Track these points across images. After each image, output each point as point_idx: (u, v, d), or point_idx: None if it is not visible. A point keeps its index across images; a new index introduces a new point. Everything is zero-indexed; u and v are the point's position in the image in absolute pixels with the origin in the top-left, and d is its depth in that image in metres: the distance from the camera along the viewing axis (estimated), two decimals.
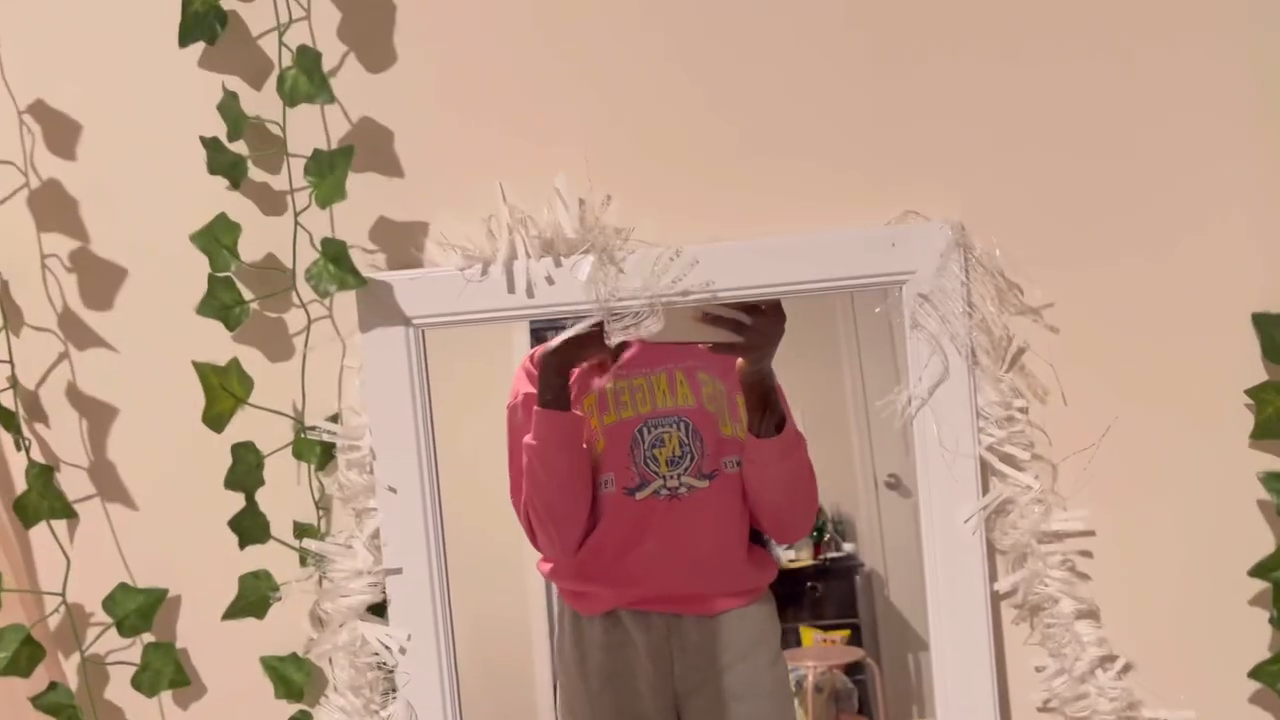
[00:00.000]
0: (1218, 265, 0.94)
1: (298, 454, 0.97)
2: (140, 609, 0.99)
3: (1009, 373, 0.94)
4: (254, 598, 0.96)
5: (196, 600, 1.02)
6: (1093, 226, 0.95)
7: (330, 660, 0.97)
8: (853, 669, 2.34)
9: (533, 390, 1.30)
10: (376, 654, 0.95)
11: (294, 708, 1.00)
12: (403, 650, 0.95)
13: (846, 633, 2.33)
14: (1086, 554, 0.96)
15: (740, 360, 1.15)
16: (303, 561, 0.96)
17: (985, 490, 0.94)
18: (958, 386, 0.93)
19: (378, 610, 0.98)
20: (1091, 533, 0.95)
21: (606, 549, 1.34)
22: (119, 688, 1.02)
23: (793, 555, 2.37)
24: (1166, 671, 0.95)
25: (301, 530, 0.98)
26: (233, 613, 0.97)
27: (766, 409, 1.26)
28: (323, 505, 0.99)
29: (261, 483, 0.96)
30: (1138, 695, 0.94)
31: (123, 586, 0.99)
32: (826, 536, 2.42)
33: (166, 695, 1.03)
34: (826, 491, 2.32)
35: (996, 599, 0.96)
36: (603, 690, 1.37)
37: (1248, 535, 0.94)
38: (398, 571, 0.95)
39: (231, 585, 0.98)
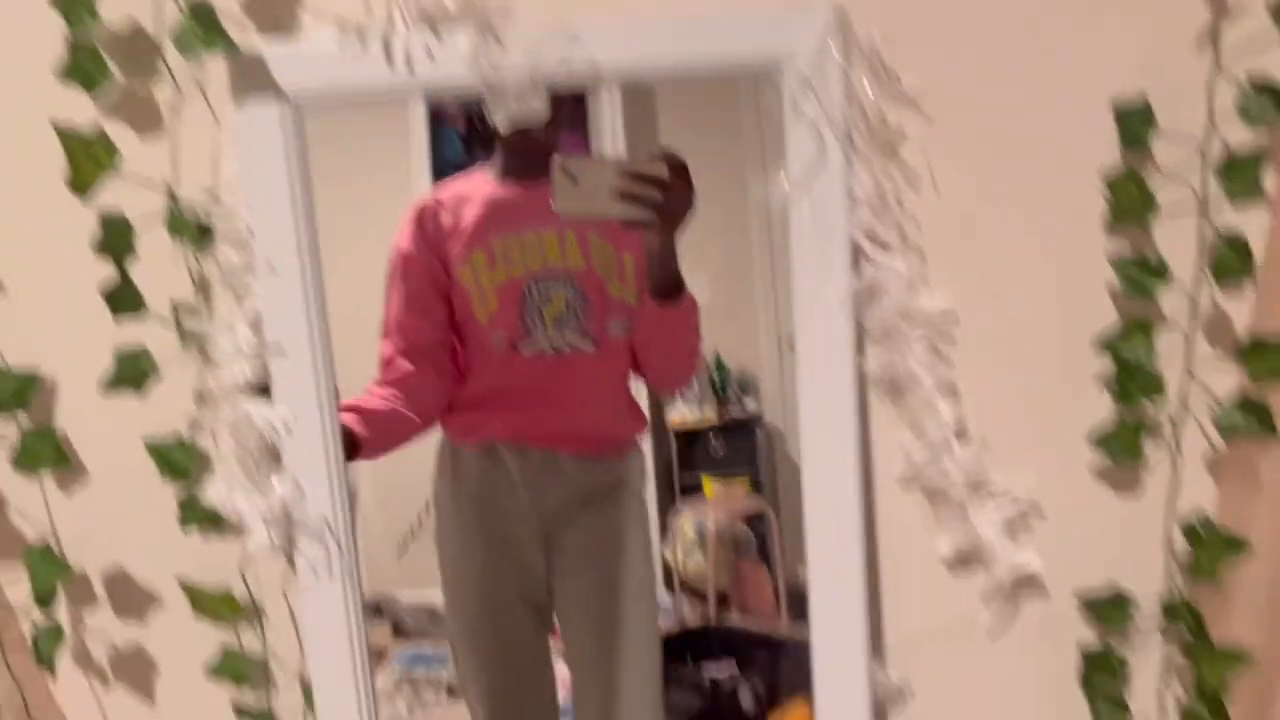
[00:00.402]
0: (1083, 56, 0.97)
1: (173, 229, 0.95)
2: (15, 392, 0.98)
3: (883, 159, 0.96)
4: (132, 372, 0.96)
5: (74, 382, 1.01)
6: (969, 13, 0.96)
7: (214, 438, 0.97)
8: (753, 519, 2.44)
9: (412, 250, 1.30)
10: (262, 433, 0.96)
11: (180, 487, 1.01)
12: (288, 429, 0.96)
13: (747, 484, 2.42)
14: (949, 338, 1.01)
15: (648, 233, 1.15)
16: (182, 339, 0.96)
17: (856, 271, 0.97)
18: (833, 170, 0.95)
19: (263, 391, 0.98)
20: (954, 314, 1.00)
21: (492, 399, 1.36)
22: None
23: (698, 412, 2.43)
24: (1015, 443, 1.01)
25: (180, 309, 0.97)
26: (112, 384, 0.96)
27: (667, 276, 1.28)
28: (202, 285, 0.97)
29: (132, 251, 0.94)
30: (988, 466, 1.01)
31: None
32: (730, 394, 2.49)
33: (49, 481, 1.03)
34: (732, 352, 2.38)
35: (863, 379, 1.00)
36: (476, 518, 1.41)
37: (1098, 317, 0.99)
38: (280, 351, 0.95)
39: (109, 365, 0.97)
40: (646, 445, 1.62)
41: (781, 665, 2.09)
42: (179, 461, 1.00)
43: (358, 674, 1.00)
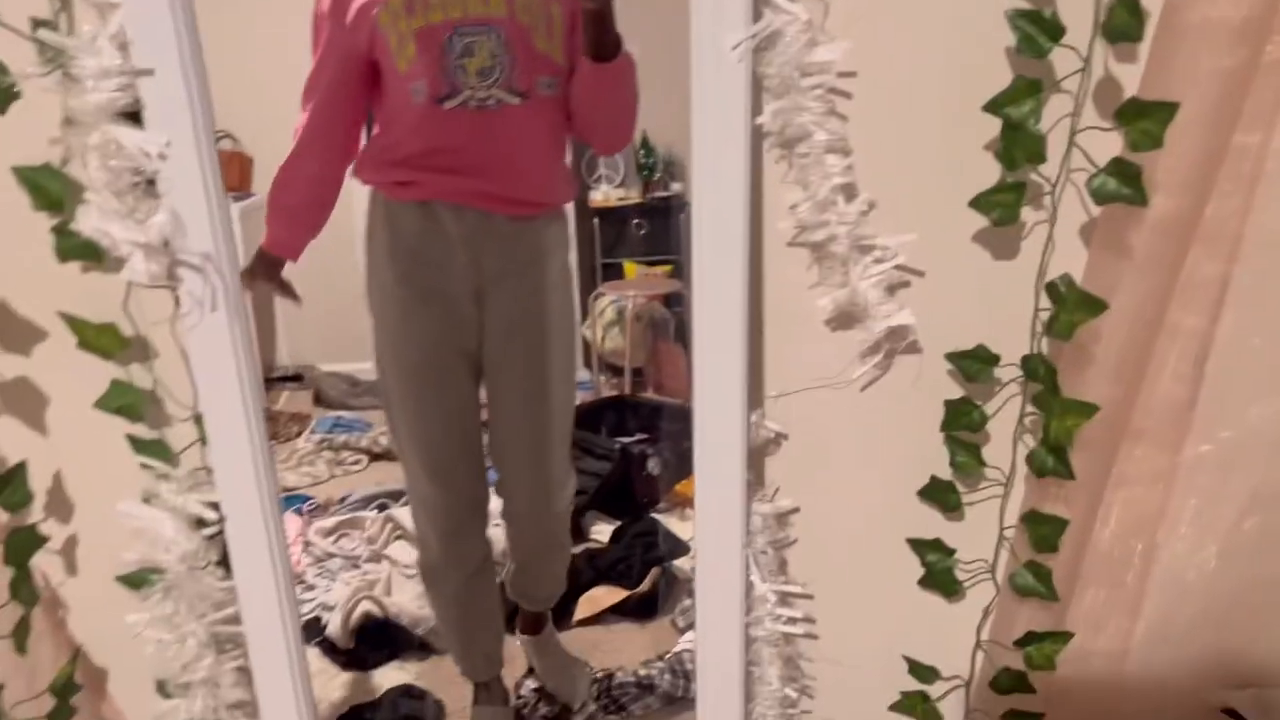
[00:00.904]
0: None
1: None
2: None
3: None
4: None
5: None
6: None
7: (84, 163, 0.94)
8: (671, 300, 2.48)
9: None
10: (133, 161, 0.93)
11: (54, 217, 0.98)
12: (162, 156, 0.93)
13: (669, 267, 2.44)
14: (845, 94, 1.00)
15: None
16: (41, 52, 0.90)
17: (756, 19, 0.95)
18: None
19: (136, 118, 0.94)
20: (852, 72, 0.99)
21: (429, 154, 1.33)
22: None
23: (622, 193, 2.41)
24: (900, 204, 1.03)
25: (39, 24, 0.91)
26: None
27: (604, 34, 1.23)
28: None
29: None
30: (871, 225, 1.03)
31: None
32: (657, 176, 2.46)
33: None
34: (660, 132, 2.34)
35: (757, 133, 1.00)
36: (413, 273, 1.41)
37: (994, 78, 0.99)
38: (149, 73, 0.91)
39: None
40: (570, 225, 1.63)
41: (690, 437, 2.19)
42: (51, 190, 0.97)
43: (249, 406, 1.02)
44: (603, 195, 2.41)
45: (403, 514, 2.09)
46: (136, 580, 1.10)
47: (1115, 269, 1.06)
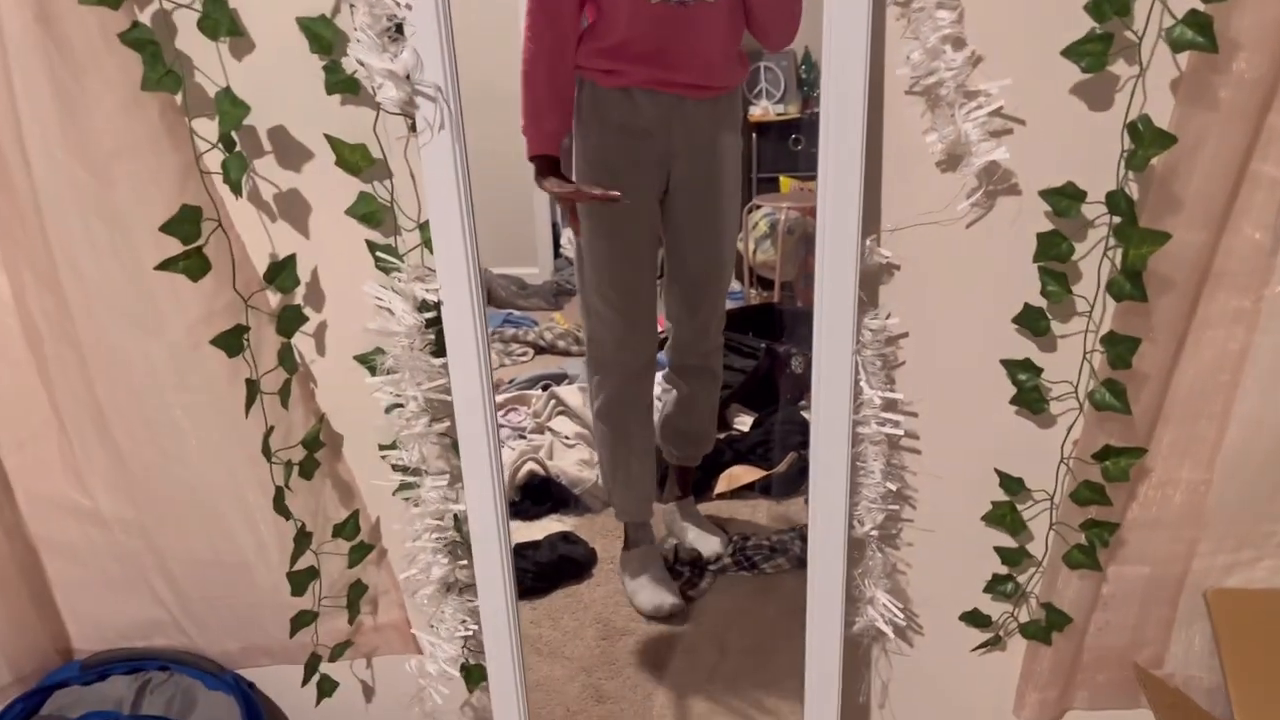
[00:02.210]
0: None
1: None
2: None
3: None
4: None
5: None
6: None
7: (352, 11, 1.23)
8: None
9: None
10: (389, 9, 1.21)
11: (326, 58, 1.28)
12: (409, 6, 1.20)
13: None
14: None
15: None
16: None
17: None
18: None
19: None
20: None
21: (632, 44, 1.60)
22: (189, 35, 1.30)
23: (781, 108, 2.57)
24: (1003, 54, 1.20)
25: None
26: None
27: None
28: None
29: None
30: (977, 76, 1.21)
31: None
32: (816, 92, 2.61)
33: (225, 47, 1.31)
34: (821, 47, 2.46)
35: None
36: (616, 141, 1.69)
37: None
38: None
39: None
40: None
41: None
42: (324, 35, 1.26)
43: (464, 216, 1.30)
44: (761, 110, 2.57)
45: (565, 392, 2.32)
46: (369, 359, 1.42)
47: (1201, 120, 1.20)
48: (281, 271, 1.39)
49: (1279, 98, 1.19)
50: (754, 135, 2.56)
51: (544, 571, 2.03)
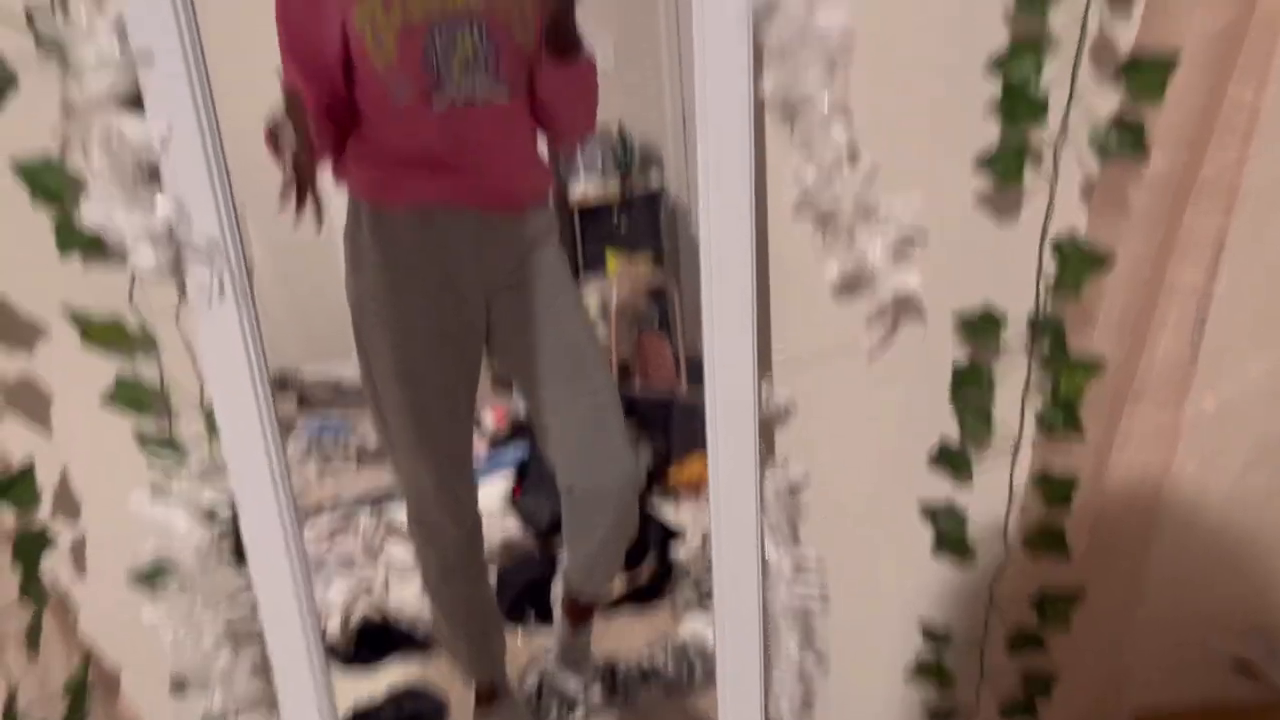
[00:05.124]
0: None
1: None
2: None
3: None
4: None
5: None
6: None
7: (86, 155, 0.93)
8: (654, 292, 2.48)
9: None
10: (135, 149, 0.92)
11: (55, 210, 0.97)
12: (163, 143, 0.92)
13: (650, 259, 2.44)
14: (845, 59, 1.00)
15: None
16: (37, 41, 0.89)
17: None
18: None
19: (138, 105, 0.93)
20: (853, 36, 0.99)
21: (411, 153, 1.32)
22: None
23: (601, 187, 2.41)
24: (905, 167, 1.04)
25: (33, 13, 0.90)
26: None
27: (567, 33, 1.22)
28: None
29: None
30: (876, 189, 1.03)
31: None
32: (634, 169, 2.46)
33: None
34: (636, 124, 2.33)
35: (759, 101, 1.00)
36: (410, 280, 1.40)
37: (995, 39, 0.99)
38: (148, 58, 0.90)
39: None
40: None
41: (681, 426, 2.19)
42: (50, 182, 0.96)
43: (259, 396, 1.01)
44: (582, 190, 2.40)
45: (395, 513, 2.07)
46: (150, 575, 1.10)
47: (1115, 226, 1.07)
48: (14, 486, 1.05)
49: (1194, 197, 1.08)
50: (575, 216, 2.38)
51: None
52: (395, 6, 1.23)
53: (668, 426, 2.26)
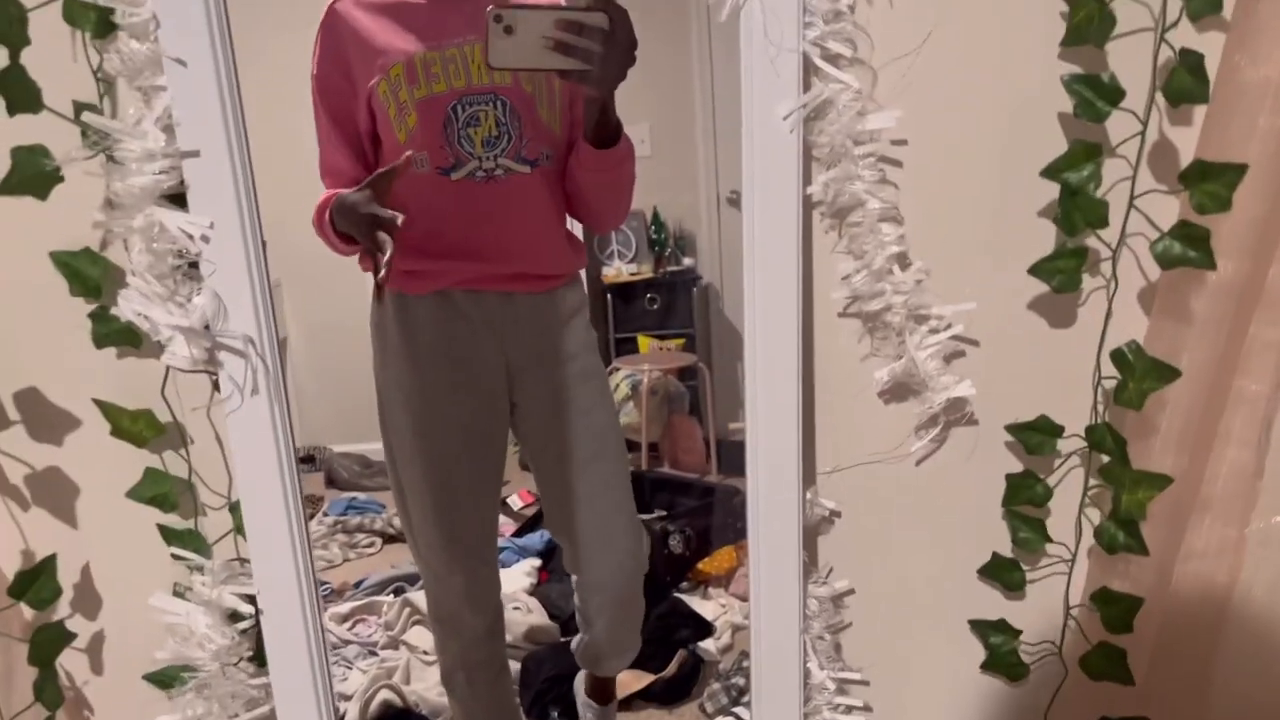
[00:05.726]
0: None
1: (69, 18, 0.87)
2: None
3: None
4: (31, 172, 0.89)
5: None
6: None
7: (126, 246, 0.92)
8: (685, 374, 2.45)
9: (321, 72, 1.22)
10: (176, 244, 0.90)
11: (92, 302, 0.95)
12: (205, 239, 0.91)
13: (681, 341, 2.42)
14: (896, 162, 0.99)
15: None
16: (85, 141, 0.89)
17: (807, 88, 0.93)
18: None
19: (179, 201, 0.92)
20: (903, 140, 0.97)
21: (430, 230, 1.30)
22: None
23: (634, 268, 2.41)
24: (956, 271, 1.01)
25: (82, 108, 0.90)
26: (8, 188, 0.90)
27: (606, 120, 1.22)
28: (104, 80, 0.90)
29: (27, 41, 0.86)
30: (928, 294, 1.00)
31: None
32: (668, 251, 2.46)
33: None
34: (670, 207, 2.34)
35: (808, 203, 0.98)
36: (434, 366, 1.37)
37: (1048, 144, 0.97)
38: (194, 154, 0.89)
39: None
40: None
41: (711, 513, 2.14)
42: (89, 275, 0.94)
43: (288, 493, 0.98)
44: (614, 270, 2.39)
45: (419, 598, 2.03)
46: (167, 679, 1.06)
47: (1177, 335, 1.03)
48: (35, 580, 1.02)
49: (1259, 306, 1.03)
50: (608, 296, 2.37)
51: None
52: (420, 79, 1.23)
53: (698, 512, 2.20)
